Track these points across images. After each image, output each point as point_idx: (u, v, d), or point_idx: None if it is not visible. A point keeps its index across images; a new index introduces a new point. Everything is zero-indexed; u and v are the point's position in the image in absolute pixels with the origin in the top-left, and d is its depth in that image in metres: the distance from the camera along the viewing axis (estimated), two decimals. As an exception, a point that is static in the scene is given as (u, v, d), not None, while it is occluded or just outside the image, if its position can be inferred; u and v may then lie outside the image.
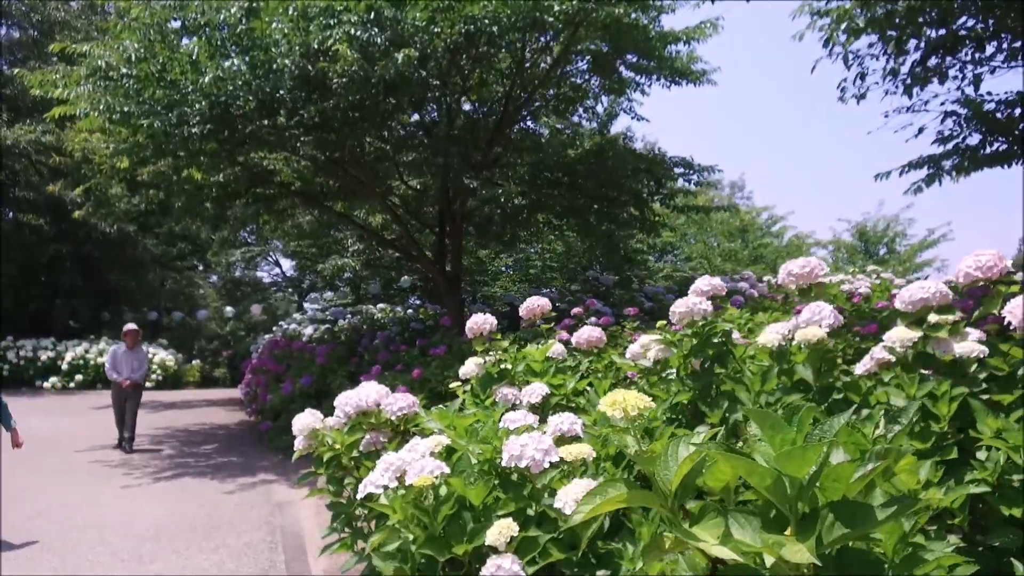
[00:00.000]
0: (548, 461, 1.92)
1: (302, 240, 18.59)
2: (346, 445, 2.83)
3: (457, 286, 11.13)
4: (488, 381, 3.30)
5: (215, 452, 9.70)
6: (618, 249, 11.96)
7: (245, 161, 11.17)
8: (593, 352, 3.81)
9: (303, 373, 10.00)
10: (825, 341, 2.88)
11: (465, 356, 8.62)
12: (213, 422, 12.91)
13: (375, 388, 2.95)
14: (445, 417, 2.74)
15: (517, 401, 3.21)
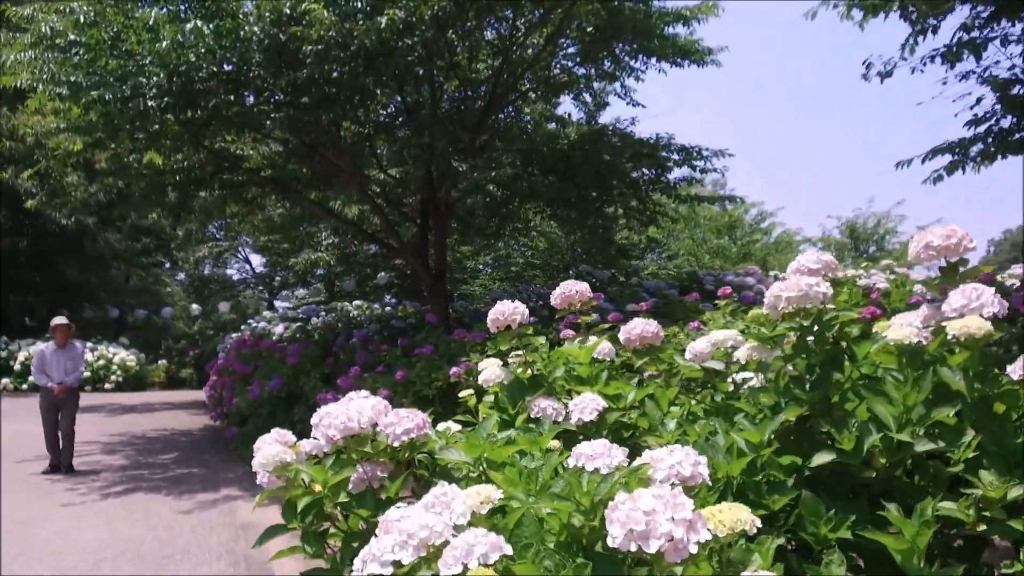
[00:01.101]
0: (695, 541, 1.10)
1: (273, 234, 17.61)
2: (330, 486, 1.98)
3: (442, 281, 10.28)
4: (519, 390, 2.48)
5: (174, 462, 8.75)
6: (613, 242, 11.21)
7: (210, 145, 10.24)
8: (646, 352, 2.99)
9: (273, 375, 9.09)
10: (991, 334, 2.09)
11: (454, 357, 7.79)
12: (174, 427, 11.93)
13: (369, 403, 2.11)
14: (474, 446, 1.91)
15: (558, 417, 2.40)
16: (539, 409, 2.42)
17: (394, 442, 2.03)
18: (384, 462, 2.12)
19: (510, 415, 2.46)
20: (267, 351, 10.03)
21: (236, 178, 10.99)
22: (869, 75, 8.27)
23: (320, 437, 2.04)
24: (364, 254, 21.12)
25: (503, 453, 1.89)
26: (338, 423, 2.00)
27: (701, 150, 9.08)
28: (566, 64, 10.74)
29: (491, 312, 2.62)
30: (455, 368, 6.82)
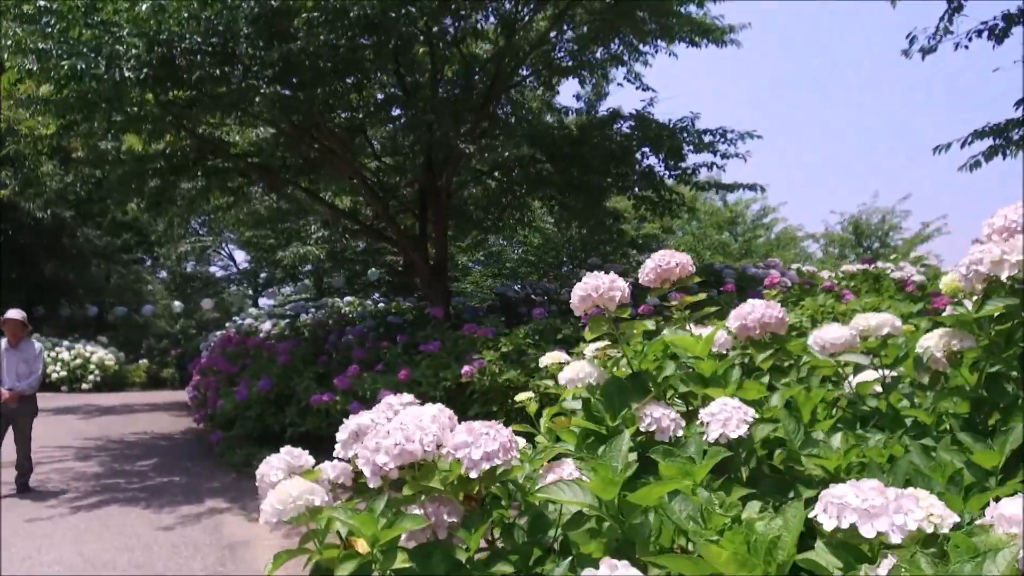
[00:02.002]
0: None
1: (259, 228, 16.85)
2: (383, 543, 1.31)
3: (442, 274, 9.62)
4: (619, 394, 1.83)
5: (153, 470, 8.03)
6: (624, 233, 10.58)
7: (193, 128, 9.51)
8: (767, 343, 2.33)
9: (261, 374, 8.39)
10: None
11: (462, 354, 7.14)
12: (155, 430, 11.18)
13: (428, 413, 1.46)
14: (608, 482, 1.24)
15: (677, 430, 1.74)
16: (651, 420, 1.76)
17: (471, 471, 1.36)
18: (449, 500, 1.45)
19: (608, 427, 1.80)
20: (255, 349, 9.32)
21: (221, 165, 10.27)
22: (911, 51, 7.69)
23: (365, 467, 1.37)
24: (353, 250, 20.44)
25: (652, 495, 1.23)
26: (391, 445, 1.34)
27: (726, 132, 8.45)
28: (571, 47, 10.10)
29: (579, 288, 1.94)
30: (467, 367, 6.17)
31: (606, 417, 1.81)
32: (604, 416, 1.82)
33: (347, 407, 7.13)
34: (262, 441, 8.43)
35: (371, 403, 7.12)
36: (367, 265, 20.53)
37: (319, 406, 7.24)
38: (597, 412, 1.83)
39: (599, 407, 1.83)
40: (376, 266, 19.11)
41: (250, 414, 8.26)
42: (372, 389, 7.08)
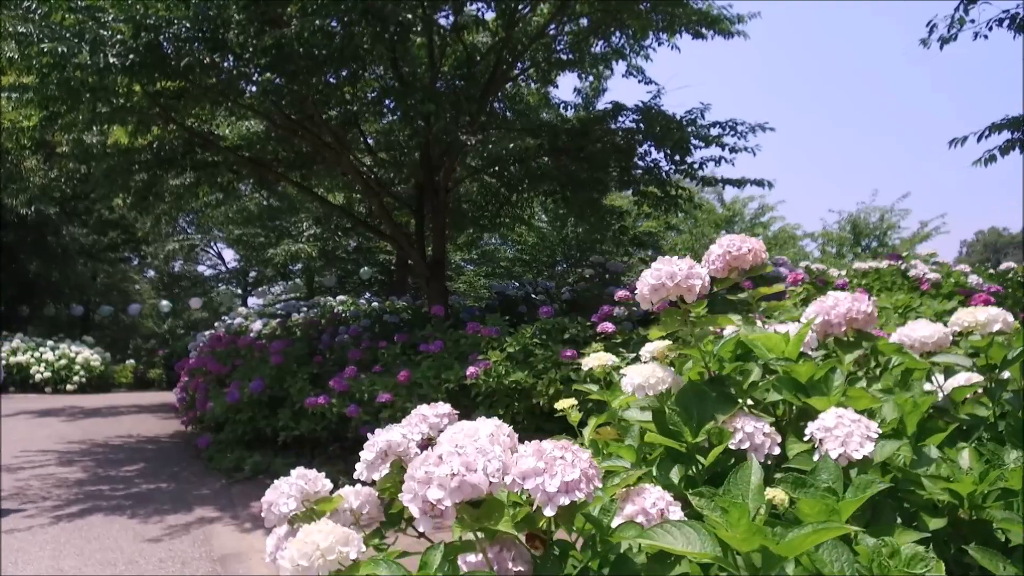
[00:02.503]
0: None
1: (249, 226, 16.47)
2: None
3: (441, 272, 9.29)
4: (698, 403, 1.53)
5: (140, 476, 7.67)
6: (627, 230, 10.29)
7: (182, 119, 9.15)
8: (853, 342, 2.03)
9: (253, 375, 8.04)
10: None
11: (464, 354, 6.81)
12: (141, 433, 10.81)
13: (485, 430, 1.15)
14: (745, 530, 0.93)
15: (771, 448, 1.44)
16: (743, 435, 1.45)
17: (546, 508, 1.05)
18: (516, 542, 1.14)
19: (689, 443, 1.49)
20: (246, 349, 8.97)
21: (211, 159, 9.91)
22: (929, 40, 7.42)
23: (412, 503, 1.04)
24: (345, 248, 20.08)
25: (804, 543, 0.92)
26: (446, 475, 1.02)
27: (736, 124, 8.16)
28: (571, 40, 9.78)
29: (649, 276, 1.63)
30: (472, 368, 5.85)
31: (685, 431, 1.50)
32: (683, 430, 1.51)
33: (343, 410, 6.80)
34: (253, 445, 8.09)
35: (368, 405, 6.80)
36: (359, 264, 20.18)
37: (314, 409, 6.90)
38: (674, 425, 1.52)
39: (676, 419, 1.52)
40: (368, 265, 18.78)
41: (241, 417, 7.92)
42: (370, 391, 6.75)
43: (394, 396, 6.48)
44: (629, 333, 5.87)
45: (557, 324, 6.26)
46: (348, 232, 16.03)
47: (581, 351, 5.72)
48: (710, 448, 1.51)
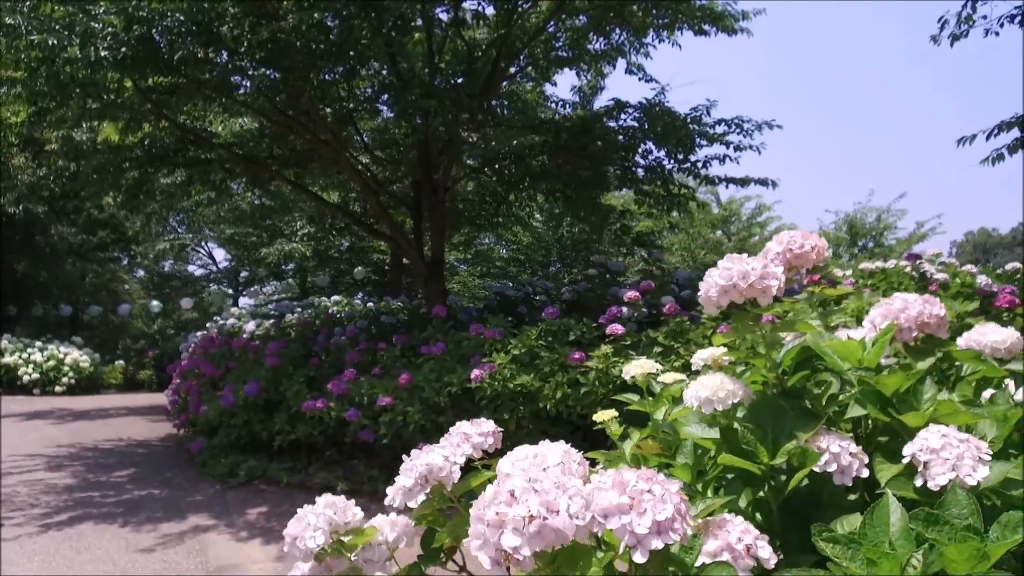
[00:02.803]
0: None
1: (241, 225, 16.23)
2: None
3: (439, 272, 9.11)
4: (773, 419, 1.35)
5: (131, 481, 7.46)
6: (628, 229, 10.13)
7: (174, 116, 8.94)
8: (925, 348, 1.85)
9: (248, 378, 7.84)
10: None
11: (467, 357, 6.64)
12: (132, 437, 10.59)
13: (552, 454, 0.99)
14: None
15: (859, 471, 1.27)
16: (829, 456, 1.29)
17: (636, 552, 0.88)
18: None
19: (765, 464, 1.32)
20: (240, 351, 8.76)
21: (203, 156, 9.69)
22: (940, 37, 7.29)
23: (481, 550, 0.86)
24: (338, 248, 19.84)
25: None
26: (522, 518, 0.84)
27: (742, 122, 8.00)
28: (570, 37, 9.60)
29: (718, 275, 1.47)
30: (477, 371, 5.67)
31: (761, 451, 1.33)
32: (758, 450, 1.34)
33: (343, 414, 6.61)
34: (248, 449, 7.89)
35: (368, 409, 6.61)
36: (352, 264, 19.95)
37: (312, 413, 6.71)
38: (748, 444, 1.35)
39: (749, 438, 1.35)
40: (362, 265, 18.56)
41: (235, 420, 7.71)
42: (370, 394, 6.57)
43: (395, 400, 6.30)
44: (637, 335, 5.71)
45: (563, 325, 6.09)
46: (342, 231, 15.83)
47: (589, 353, 5.56)
48: (789, 471, 1.35)
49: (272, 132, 9.69)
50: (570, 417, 5.57)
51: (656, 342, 5.48)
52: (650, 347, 5.47)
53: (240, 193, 16.48)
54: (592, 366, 5.37)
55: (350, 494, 6.03)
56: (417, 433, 6.27)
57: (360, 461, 6.96)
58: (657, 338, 5.51)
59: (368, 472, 6.71)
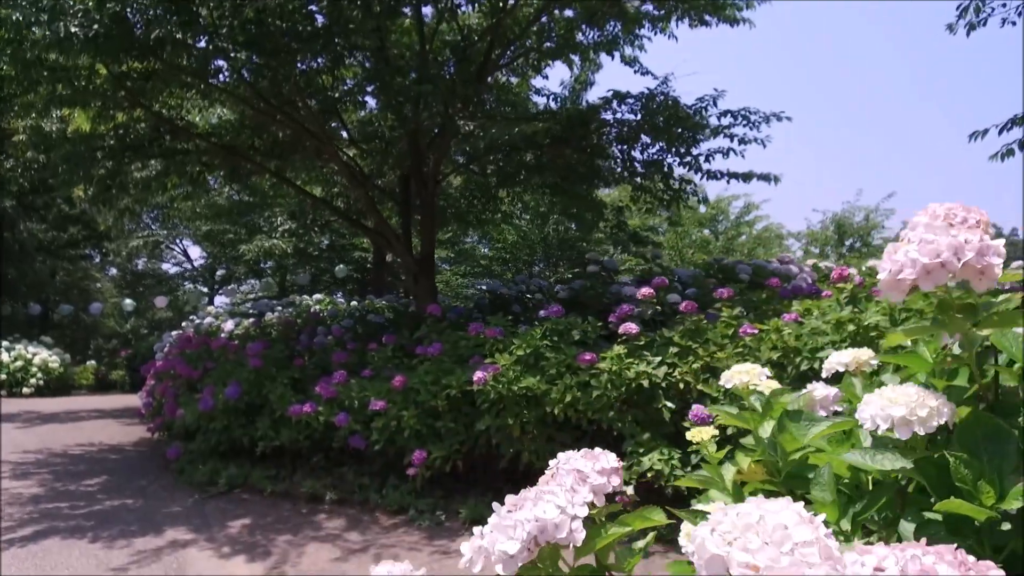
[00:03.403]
0: None
1: (218, 221, 15.70)
2: None
3: (430, 268, 8.72)
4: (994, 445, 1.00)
5: (102, 491, 6.99)
6: (626, 226, 9.79)
7: (149, 103, 8.47)
8: None
9: (228, 379, 7.40)
10: None
11: (464, 358, 6.24)
12: (103, 441, 10.08)
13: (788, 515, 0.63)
14: None
15: None
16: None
17: None
18: None
19: (990, 507, 0.95)
20: (219, 351, 8.30)
21: (180, 146, 9.21)
22: (956, 26, 7.01)
23: None
24: (318, 246, 19.34)
25: None
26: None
27: (749, 114, 7.67)
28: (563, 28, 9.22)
29: (911, 252, 1.09)
30: (480, 372, 5.29)
31: (982, 491, 0.97)
32: (977, 489, 0.97)
33: (332, 419, 6.20)
34: (228, 456, 7.44)
35: (359, 414, 6.20)
36: (333, 262, 19.47)
37: (299, 418, 6.29)
38: (961, 481, 0.98)
39: (963, 472, 0.98)
40: (344, 263, 18.09)
41: (215, 425, 7.26)
42: (361, 398, 6.16)
43: (388, 403, 5.90)
44: (650, 335, 5.35)
45: (569, 324, 5.72)
46: (324, 228, 15.37)
47: (600, 354, 5.20)
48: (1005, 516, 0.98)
49: (253, 122, 9.24)
50: (578, 422, 5.20)
51: (672, 342, 5.13)
52: (665, 347, 5.11)
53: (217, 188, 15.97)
54: (604, 368, 5.00)
55: (339, 504, 5.62)
56: (412, 439, 5.87)
57: (350, 468, 6.54)
58: (673, 338, 5.15)
59: (359, 480, 6.31)
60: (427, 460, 5.57)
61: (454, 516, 5.60)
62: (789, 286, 7.17)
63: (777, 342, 4.72)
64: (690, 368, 4.90)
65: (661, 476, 4.60)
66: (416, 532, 5.36)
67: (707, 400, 4.83)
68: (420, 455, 5.55)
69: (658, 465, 4.61)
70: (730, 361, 4.76)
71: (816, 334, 4.66)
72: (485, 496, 5.78)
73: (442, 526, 5.47)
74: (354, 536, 5.33)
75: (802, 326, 4.76)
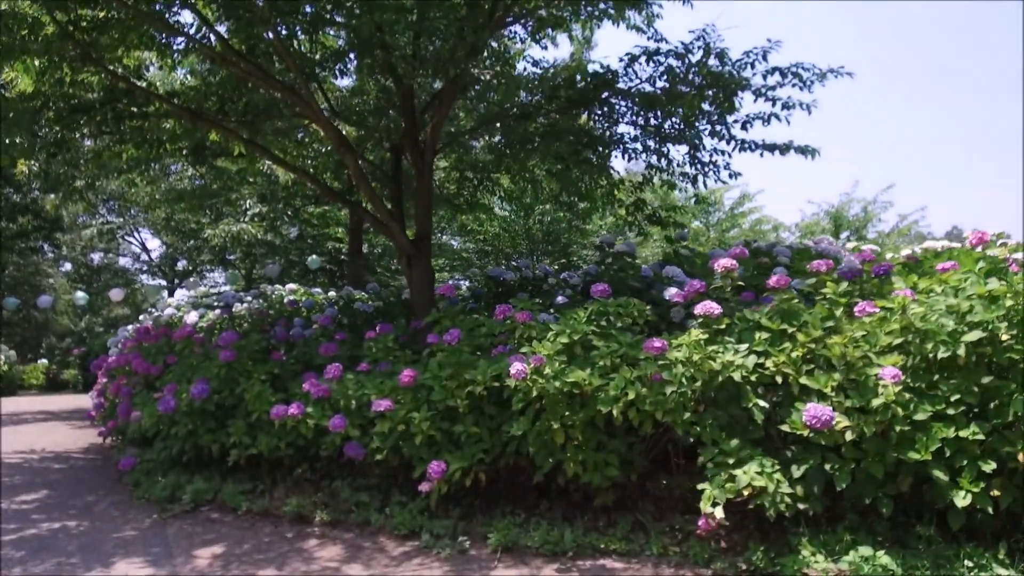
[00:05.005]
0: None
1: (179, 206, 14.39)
2: None
3: (426, 250, 7.62)
4: None
5: (40, 509, 5.79)
6: (644, 205, 8.77)
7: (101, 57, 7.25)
8: None
9: (194, 376, 6.24)
10: None
11: (483, 348, 5.15)
12: (47, 448, 8.83)
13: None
14: None
15: None
16: None
17: None
18: None
19: None
20: (183, 343, 7.12)
21: (138, 108, 7.99)
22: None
23: None
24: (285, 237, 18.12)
25: None
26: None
27: (801, 70, 6.67)
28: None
29: None
30: (518, 364, 4.23)
31: None
32: None
33: (324, 422, 5.08)
34: (193, 466, 6.28)
35: (356, 416, 5.11)
36: (303, 253, 18.27)
37: (283, 421, 5.15)
38: None
39: None
40: (316, 253, 16.89)
41: (178, 430, 6.08)
42: (358, 398, 5.06)
43: (395, 403, 4.81)
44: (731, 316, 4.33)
45: (622, 306, 4.67)
46: (296, 214, 14.17)
47: (672, 341, 4.16)
48: None
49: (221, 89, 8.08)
50: (639, 426, 4.16)
51: (759, 326, 4.12)
52: (751, 332, 4.10)
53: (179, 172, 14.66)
54: (678, 357, 3.97)
55: (332, 526, 4.48)
56: (423, 447, 4.79)
57: (344, 482, 5.43)
58: (759, 320, 4.13)
59: (356, 497, 5.19)
60: (447, 473, 4.49)
61: (480, 541, 4.52)
62: (846, 268, 6.23)
63: (903, 323, 3.73)
64: (788, 357, 3.89)
65: (765, 494, 3.58)
66: (435, 563, 4.28)
67: (813, 396, 3.83)
68: (438, 467, 4.47)
69: (759, 480, 3.58)
70: (849, 348, 3.76)
71: (950, 313, 3.68)
72: (515, 515, 4.72)
73: (466, 555, 4.39)
74: (357, 570, 4.23)
75: (932, 304, 3.77)
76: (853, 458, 3.74)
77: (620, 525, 4.38)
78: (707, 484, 3.76)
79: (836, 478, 3.70)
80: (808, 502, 3.79)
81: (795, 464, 3.81)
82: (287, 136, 9.39)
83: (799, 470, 3.77)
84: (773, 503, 3.58)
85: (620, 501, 4.61)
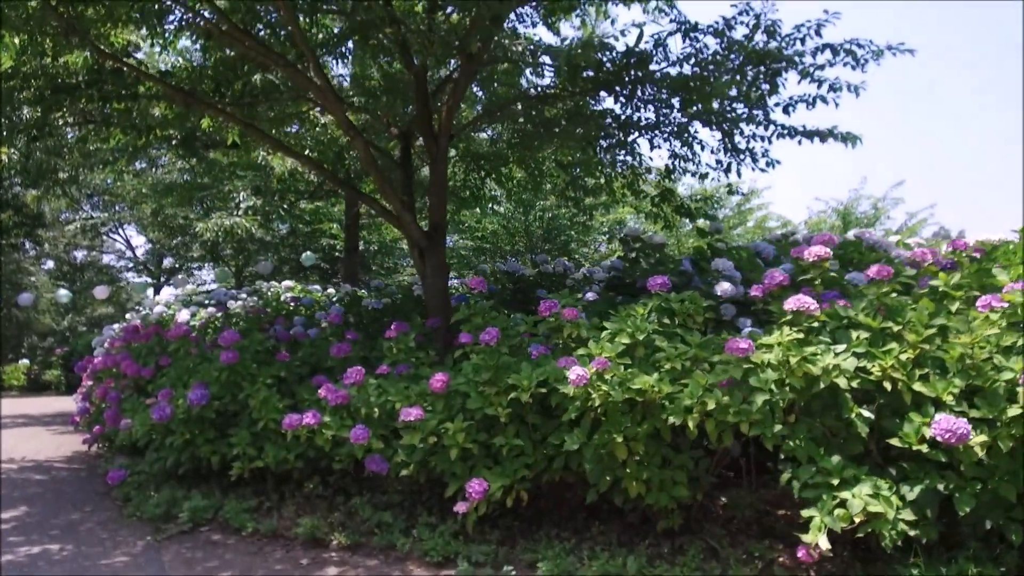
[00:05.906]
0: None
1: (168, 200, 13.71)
2: None
3: (440, 241, 7.04)
4: None
5: (17, 530, 5.16)
6: (673, 195, 8.23)
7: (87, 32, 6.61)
8: None
9: (191, 379, 5.63)
10: None
11: (519, 349, 4.52)
12: (27, 457, 8.18)
13: None
14: None
15: None
16: None
17: None
18: None
19: None
20: (178, 343, 6.50)
21: (126, 90, 7.36)
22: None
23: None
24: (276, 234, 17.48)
25: None
26: None
27: (855, 48, 6.11)
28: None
29: None
30: (578, 369, 3.65)
31: None
32: None
33: (343, 433, 4.49)
34: (191, 479, 5.68)
35: (378, 426, 4.53)
36: (296, 250, 17.63)
37: (297, 432, 4.55)
38: None
39: None
40: (310, 250, 16.23)
41: (174, 440, 5.47)
42: (381, 405, 4.47)
43: (426, 412, 4.22)
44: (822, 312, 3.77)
45: (689, 301, 4.11)
46: (292, 208, 13.53)
47: (759, 341, 3.60)
48: None
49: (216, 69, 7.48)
50: (717, 440, 3.60)
51: (854, 323, 3.57)
52: (845, 331, 3.55)
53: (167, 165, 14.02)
54: (768, 360, 3.41)
55: (353, 551, 3.86)
56: (457, 462, 4.21)
57: (363, 499, 4.84)
58: (855, 317, 3.58)
59: (377, 517, 4.60)
60: (488, 492, 3.91)
61: (527, 569, 3.95)
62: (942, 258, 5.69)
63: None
64: (896, 360, 3.34)
65: (880, 521, 3.02)
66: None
67: (928, 405, 3.28)
68: (480, 485, 3.88)
69: (875, 506, 3.03)
70: (975, 349, 3.21)
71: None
72: (564, 540, 4.14)
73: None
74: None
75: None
76: (975, 476, 3.20)
77: (690, 552, 3.82)
78: (814, 510, 3.19)
79: (958, 500, 3.15)
80: (919, 528, 3.25)
81: (906, 484, 3.26)
82: (283, 124, 8.81)
83: (912, 491, 3.22)
84: (890, 532, 3.02)
85: (685, 523, 4.05)
